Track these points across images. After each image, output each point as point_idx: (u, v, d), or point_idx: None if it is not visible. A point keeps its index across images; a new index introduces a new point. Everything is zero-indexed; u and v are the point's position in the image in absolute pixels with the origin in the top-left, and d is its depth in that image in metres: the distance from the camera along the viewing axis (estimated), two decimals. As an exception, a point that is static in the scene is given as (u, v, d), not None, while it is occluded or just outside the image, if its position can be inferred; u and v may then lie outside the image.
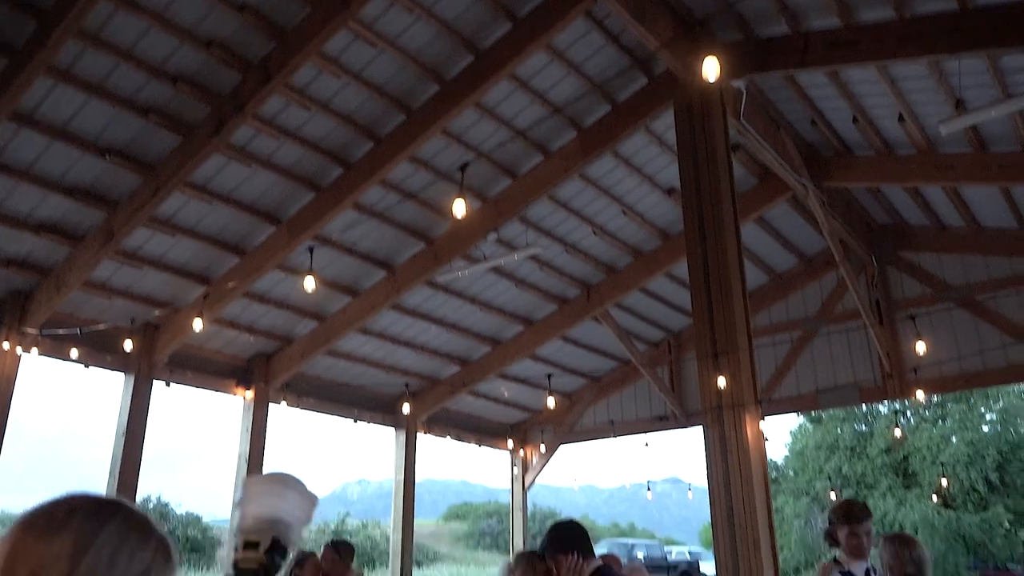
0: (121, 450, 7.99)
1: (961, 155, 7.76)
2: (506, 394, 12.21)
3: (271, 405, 9.56)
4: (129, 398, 8.18)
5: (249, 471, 9.10)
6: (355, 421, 10.44)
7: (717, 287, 6.09)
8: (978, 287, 9.55)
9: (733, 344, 5.77)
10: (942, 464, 19.86)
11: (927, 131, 7.56)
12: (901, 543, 3.58)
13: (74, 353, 7.52)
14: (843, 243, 9.29)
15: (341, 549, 5.52)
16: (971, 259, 9.68)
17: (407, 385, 10.28)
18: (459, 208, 6.46)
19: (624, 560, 9.59)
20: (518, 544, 12.84)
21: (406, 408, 9.90)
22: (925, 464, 21.07)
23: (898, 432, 8.61)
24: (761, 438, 5.86)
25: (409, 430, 11.14)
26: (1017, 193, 8.53)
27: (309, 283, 7.00)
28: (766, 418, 6.81)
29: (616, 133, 7.65)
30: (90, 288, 7.65)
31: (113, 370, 8.21)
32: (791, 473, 25.79)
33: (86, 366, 7.78)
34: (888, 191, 9.43)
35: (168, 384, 8.46)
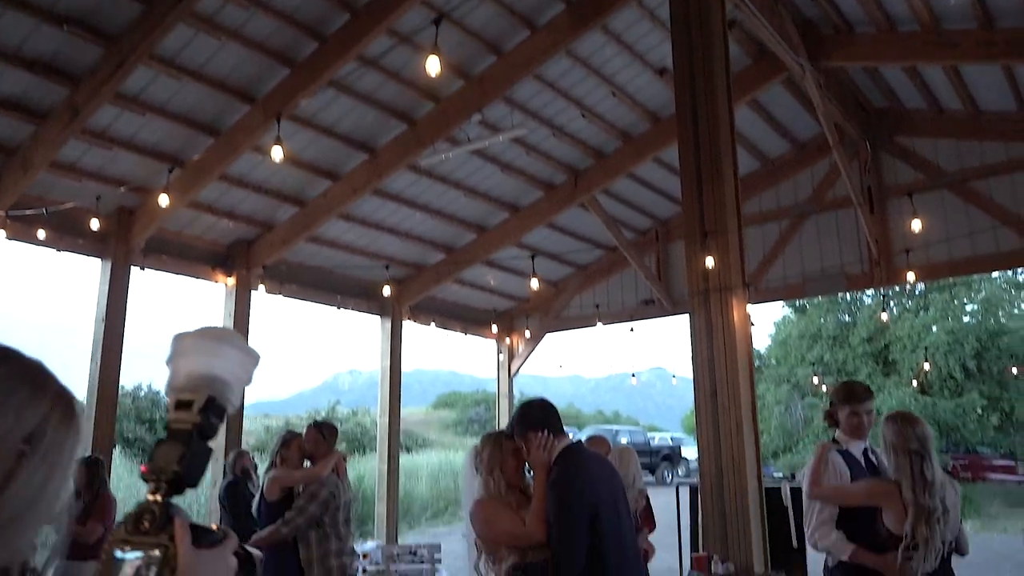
0: (101, 337, 7.90)
1: (965, 32, 7.43)
2: (492, 282, 12.14)
3: (254, 292, 9.45)
4: (107, 284, 8.03)
5: (233, 357, 9.06)
6: (339, 308, 10.35)
7: (708, 168, 5.88)
8: (972, 173, 9.37)
9: (722, 225, 5.62)
10: (926, 348, 20.12)
11: (932, 4, 7.20)
12: (904, 421, 3.54)
13: (42, 234, 7.28)
14: (837, 127, 9.03)
15: (324, 430, 5.43)
16: (967, 144, 9.47)
17: (387, 266, 10.09)
18: (433, 66, 6.14)
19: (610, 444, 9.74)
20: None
21: (386, 290, 9.73)
22: (905, 353, 21.42)
23: (884, 316, 8.62)
24: (747, 322, 5.80)
25: (394, 318, 11.09)
26: (1020, 73, 8.24)
27: (277, 153, 6.68)
28: (752, 307, 6.75)
29: (607, 6, 7.25)
30: (59, 170, 7.37)
31: (88, 255, 8.03)
32: (773, 362, 26.31)
33: (57, 249, 7.58)
34: (886, 73, 9.11)
35: (143, 268, 8.26)
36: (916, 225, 8.52)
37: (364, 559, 10.36)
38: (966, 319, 21.44)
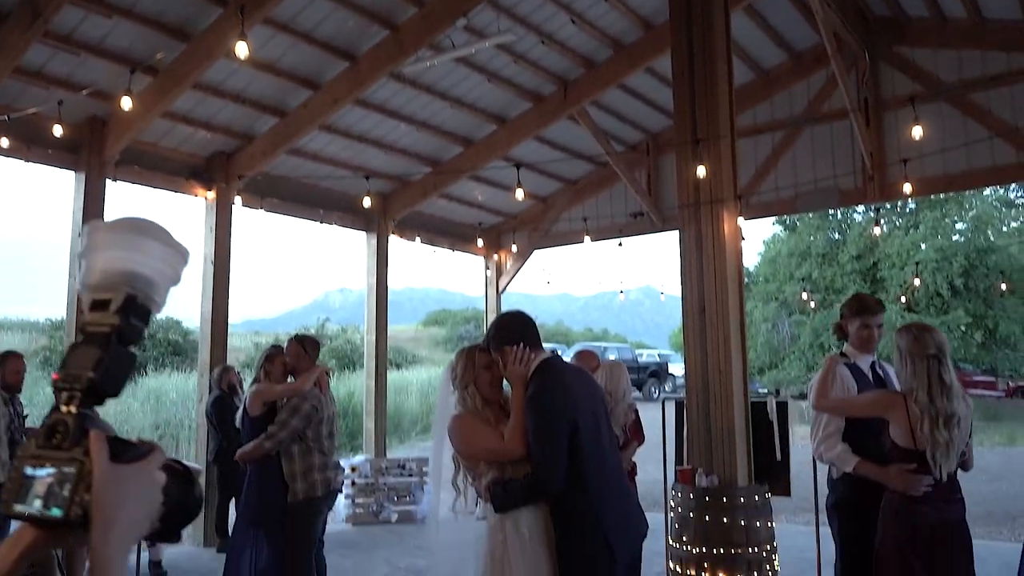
0: (79, 253, 7.70)
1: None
2: (479, 197, 11.93)
3: (237, 208, 9.22)
4: (82, 198, 7.80)
5: (216, 274, 8.92)
6: (321, 223, 10.14)
7: (702, 75, 5.65)
8: (971, 84, 9.11)
9: (715, 132, 5.43)
10: (917, 263, 20.04)
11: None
12: (920, 329, 3.47)
13: (5, 143, 6.99)
14: (836, 37, 8.71)
15: (306, 343, 5.33)
16: (968, 54, 9.17)
17: (367, 177, 9.81)
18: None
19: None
20: (492, 346, 13.04)
21: (367, 202, 9.46)
22: (894, 270, 21.44)
23: (877, 230, 8.52)
24: (738, 235, 5.67)
25: (380, 233, 10.91)
26: (1027, -22, 7.91)
27: (241, 50, 6.33)
28: (742, 222, 6.59)
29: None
30: (24, 76, 7.04)
31: (60, 167, 7.76)
32: (762, 279, 26.35)
33: (25, 160, 7.31)
34: (889, -23, 8.74)
35: (115, 180, 8.00)
36: (917, 132, 8.22)
37: (353, 472, 10.49)
38: (956, 237, 21.38)
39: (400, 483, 10.46)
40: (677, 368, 30.60)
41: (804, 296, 14.53)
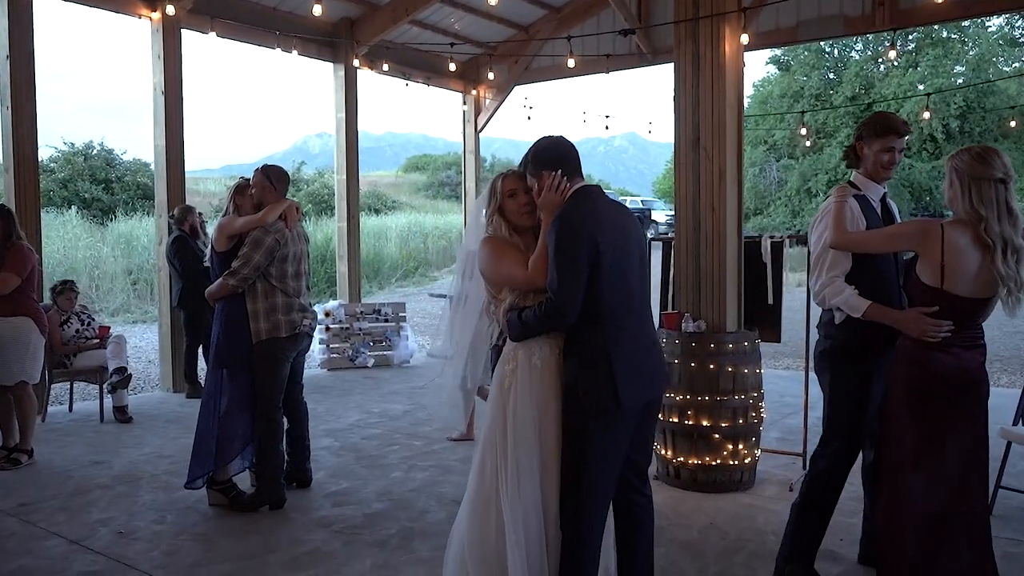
0: (7, 73, 6.95)
1: None
2: (456, 25, 11.00)
3: (188, 34, 8.36)
4: (5, 18, 6.95)
5: (168, 105, 8.18)
6: (279, 49, 9.26)
7: None
8: None
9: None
10: (918, 99, 19.11)
11: None
12: (983, 150, 2.98)
13: None
14: None
15: (272, 175, 4.77)
16: None
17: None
18: None
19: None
20: (470, 190, 12.48)
21: (317, 10, 8.41)
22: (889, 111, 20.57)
23: (892, 54, 7.86)
24: (740, 55, 5.04)
25: (348, 64, 10.07)
26: None
27: None
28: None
29: None
30: None
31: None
32: (752, 122, 25.44)
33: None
34: None
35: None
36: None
37: (327, 317, 10.19)
38: (956, 77, 20.47)
39: (376, 328, 10.19)
40: (660, 215, 30.33)
41: (803, 131, 13.82)
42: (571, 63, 9.52)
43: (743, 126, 5.13)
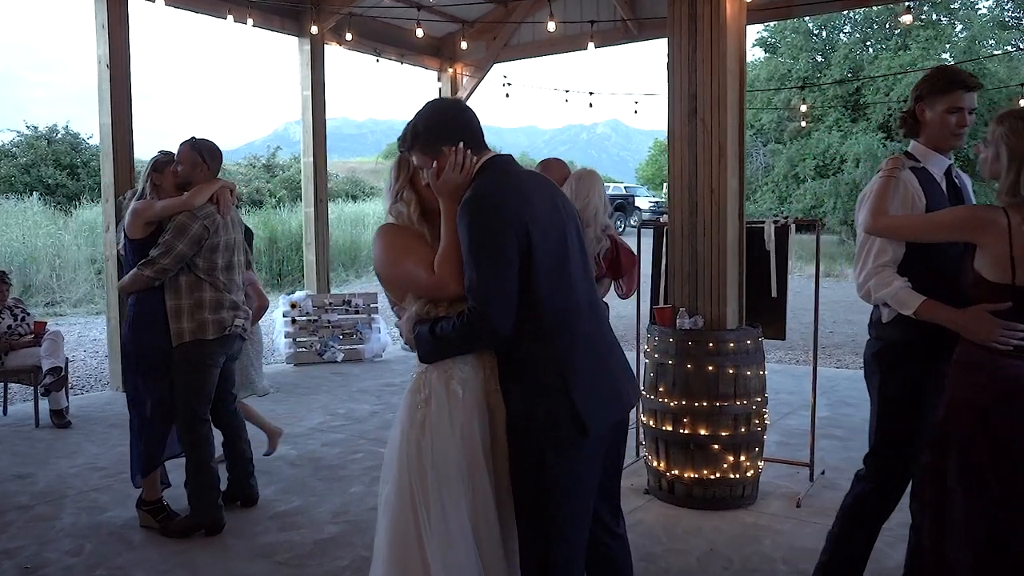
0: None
1: None
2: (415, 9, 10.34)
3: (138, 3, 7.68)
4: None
5: (114, 79, 7.50)
6: (234, 20, 8.56)
7: None
8: None
9: None
10: (913, 79, 18.59)
11: None
12: None
13: None
14: None
15: (203, 149, 4.11)
16: None
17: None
18: None
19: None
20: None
21: None
22: (878, 96, 20.17)
23: (908, 18, 7.25)
24: (742, 15, 4.46)
25: (314, 39, 9.41)
26: None
27: None
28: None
29: None
30: None
31: None
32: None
33: None
34: None
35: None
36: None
37: (293, 309, 9.56)
38: (947, 57, 19.99)
39: (346, 320, 9.58)
40: (643, 202, 29.83)
41: (803, 107, 13.22)
42: (551, 27, 8.86)
43: (745, 96, 4.56)
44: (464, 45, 9.69)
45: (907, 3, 6.96)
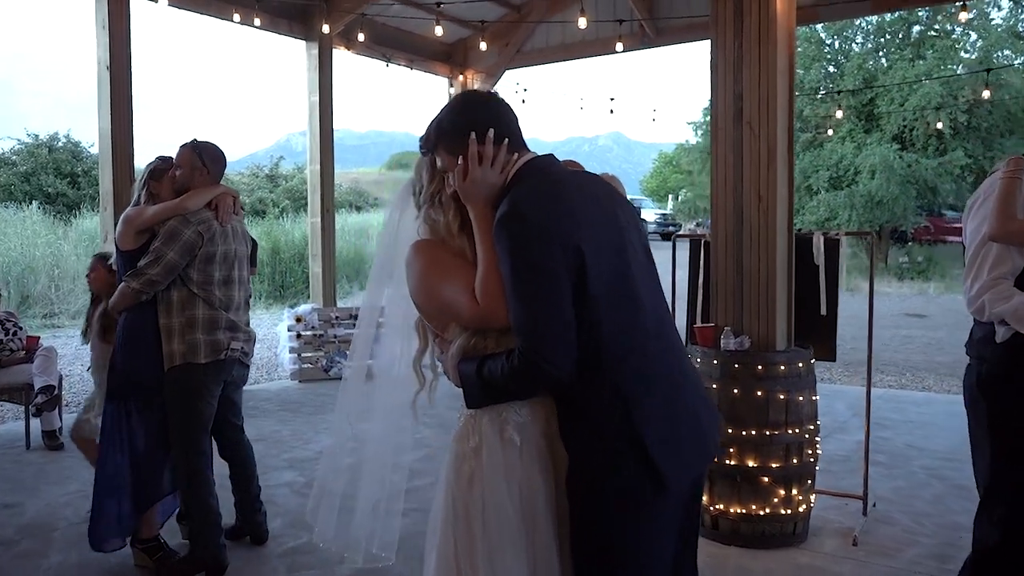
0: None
1: None
2: (438, 6, 10.03)
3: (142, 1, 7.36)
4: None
5: (115, 82, 7.17)
6: (240, 23, 8.22)
7: None
8: None
9: None
10: (929, 89, 17.77)
11: None
12: None
13: None
14: None
15: (204, 153, 3.75)
16: None
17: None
18: None
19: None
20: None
21: None
22: (893, 106, 19.83)
23: (964, 16, 6.98)
24: (792, 10, 4.12)
25: (323, 42, 9.09)
26: None
27: None
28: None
29: None
30: None
31: None
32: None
33: None
34: None
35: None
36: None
37: (298, 323, 9.19)
38: (961, 69, 19.66)
39: (353, 335, 9.20)
40: (649, 214, 29.54)
41: (839, 114, 12.73)
42: (582, 23, 8.52)
43: (795, 98, 4.22)
44: (484, 46, 9.32)
45: (963, 1, 6.67)
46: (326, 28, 8.67)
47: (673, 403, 1.82)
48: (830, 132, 18.94)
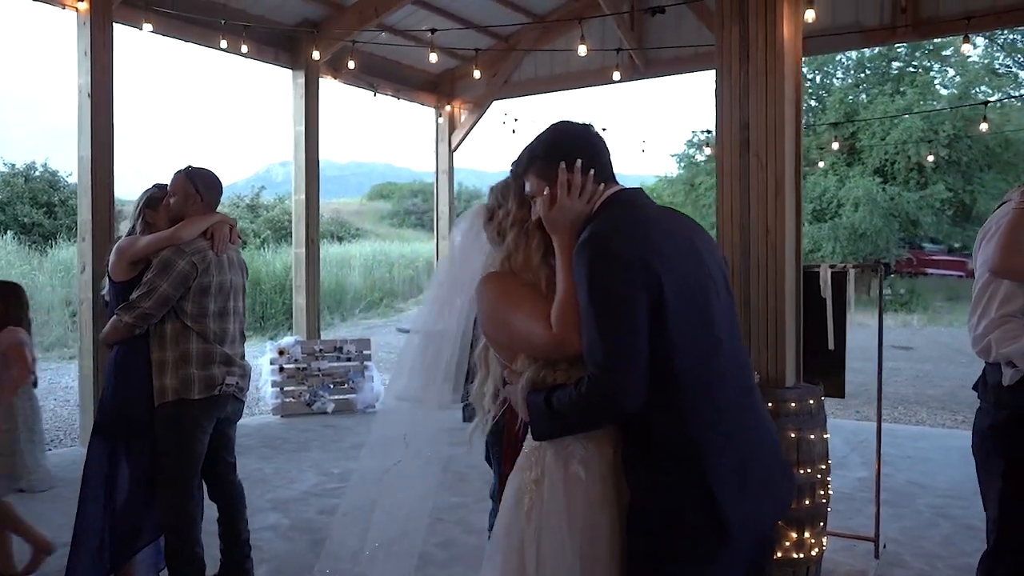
0: None
1: None
2: (429, 35, 9.98)
3: (118, 26, 7.22)
4: None
5: (96, 108, 7.00)
6: (227, 51, 8.10)
7: None
8: None
9: None
10: (909, 124, 17.94)
11: None
12: None
13: None
14: None
15: (199, 179, 3.60)
16: None
17: None
18: None
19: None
20: (443, 214, 11.38)
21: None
22: (874, 140, 20.03)
23: (967, 47, 7.05)
24: (799, 37, 4.05)
25: (310, 71, 8.98)
26: None
27: None
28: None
29: None
30: None
31: None
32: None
33: None
34: None
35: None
36: None
37: (281, 356, 8.96)
38: (940, 105, 19.95)
39: (337, 368, 8.99)
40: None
41: (835, 145, 12.82)
42: (582, 51, 8.47)
43: (802, 128, 4.13)
44: (477, 74, 9.25)
45: (966, 34, 6.70)
46: (316, 55, 8.55)
47: (745, 450, 1.76)
48: (820, 164, 19.11)
